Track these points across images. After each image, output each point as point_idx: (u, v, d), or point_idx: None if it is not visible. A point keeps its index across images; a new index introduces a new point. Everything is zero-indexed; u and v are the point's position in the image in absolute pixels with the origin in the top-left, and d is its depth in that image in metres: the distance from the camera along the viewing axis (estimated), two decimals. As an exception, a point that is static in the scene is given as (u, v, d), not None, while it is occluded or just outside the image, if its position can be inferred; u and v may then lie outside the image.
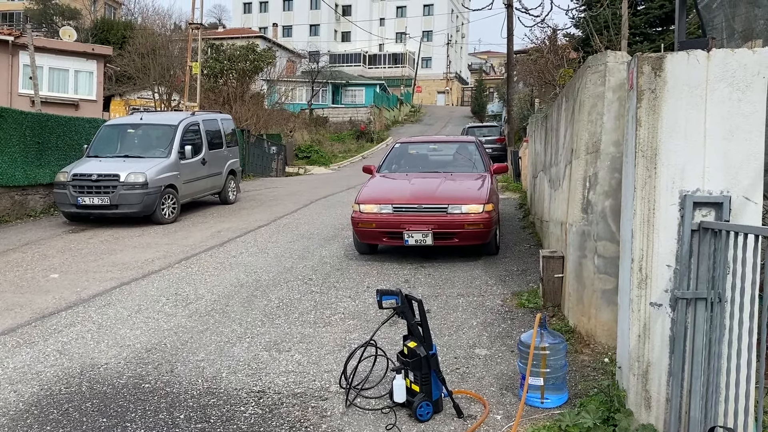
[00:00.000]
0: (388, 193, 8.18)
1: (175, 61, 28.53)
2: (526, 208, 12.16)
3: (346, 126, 41.59)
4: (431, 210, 7.66)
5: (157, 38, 29.34)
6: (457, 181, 8.48)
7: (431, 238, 7.55)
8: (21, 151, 12.24)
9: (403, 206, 7.75)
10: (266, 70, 34.77)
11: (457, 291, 6.67)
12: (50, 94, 23.67)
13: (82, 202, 10.93)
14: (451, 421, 3.81)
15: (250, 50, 32.35)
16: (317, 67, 46.43)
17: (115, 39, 30.87)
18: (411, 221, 7.61)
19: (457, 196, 7.83)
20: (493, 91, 54.51)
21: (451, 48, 68.25)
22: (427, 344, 3.85)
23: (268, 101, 35.47)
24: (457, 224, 7.56)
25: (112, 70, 28.51)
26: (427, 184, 8.32)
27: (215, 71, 30.99)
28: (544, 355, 3.91)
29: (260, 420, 3.90)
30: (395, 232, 7.68)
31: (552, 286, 5.78)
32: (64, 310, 6.29)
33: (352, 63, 62.16)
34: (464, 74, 76.28)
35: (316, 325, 5.67)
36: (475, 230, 7.58)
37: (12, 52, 23.82)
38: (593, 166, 4.89)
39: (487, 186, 8.20)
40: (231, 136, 14.58)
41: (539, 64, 15.57)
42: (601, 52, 5.06)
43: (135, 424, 3.86)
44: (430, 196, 7.85)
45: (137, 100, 28.37)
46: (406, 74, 62.30)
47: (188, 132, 12.52)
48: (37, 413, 4.05)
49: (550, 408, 3.93)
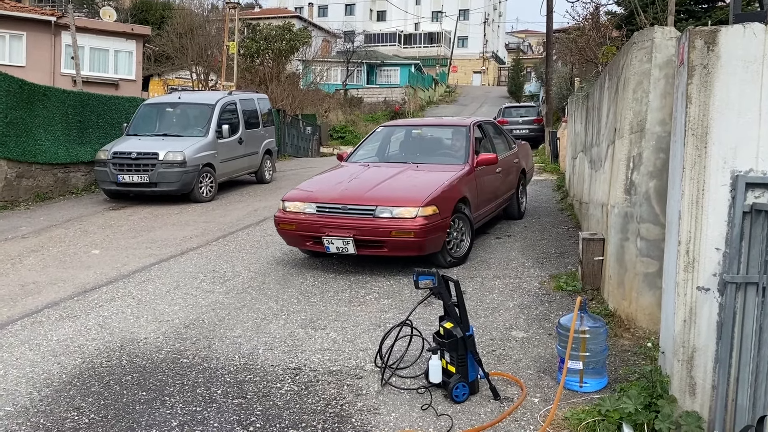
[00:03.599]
0: (318, 190, 6.95)
1: (213, 41, 28.71)
2: (564, 190, 11.96)
3: (380, 106, 41.40)
4: (355, 212, 6.38)
5: (194, 18, 29.54)
6: (417, 174, 7.13)
7: (353, 246, 6.28)
8: (63, 129, 12.50)
9: (327, 206, 6.53)
10: (302, 50, 34.73)
11: (493, 273, 6.59)
12: (91, 74, 24.06)
13: (122, 180, 11.12)
14: (488, 403, 3.77)
15: (286, 30, 32.33)
16: (352, 47, 46.22)
17: (153, 19, 31.15)
18: (332, 224, 6.39)
19: (391, 196, 6.50)
20: (530, 71, 53.58)
21: (488, 27, 67.21)
22: (463, 325, 3.81)
23: (303, 81, 35.49)
24: (382, 231, 6.21)
25: (150, 50, 28.83)
26: (371, 178, 7.02)
27: (251, 51, 31.08)
28: (584, 339, 3.83)
29: (296, 397, 3.92)
30: (317, 237, 6.49)
31: (591, 269, 5.66)
32: (105, 285, 6.42)
33: (387, 43, 61.69)
34: (501, 54, 75.12)
35: (351, 304, 5.67)
36: (405, 239, 6.17)
37: (54, 32, 24.25)
38: (637, 146, 4.74)
39: (444, 183, 6.71)
40: (267, 116, 14.63)
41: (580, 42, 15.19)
42: (647, 28, 4.88)
43: (173, 398, 3.92)
44: (358, 195, 6.54)
45: (175, 80, 28.69)
46: (442, 54, 61.60)
47: (225, 111, 12.60)
48: (80, 385, 4.14)
49: (588, 392, 3.85)
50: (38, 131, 11.80)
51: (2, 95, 10.86)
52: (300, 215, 6.64)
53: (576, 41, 17.18)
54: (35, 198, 11.70)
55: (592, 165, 7.20)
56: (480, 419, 3.59)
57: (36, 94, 11.81)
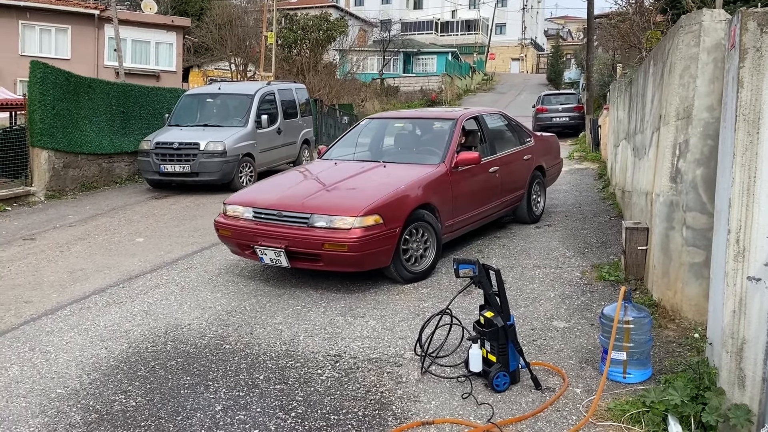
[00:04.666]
0: (261, 193, 6.37)
1: (251, 31, 28.97)
2: (605, 179, 11.74)
3: (417, 95, 41.19)
4: (290, 220, 5.68)
5: (233, 9, 29.83)
6: (379, 175, 6.39)
7: (285, 258, 5.59)
8: (107, 120, 12.79)
9: (263, 212, 5.88)
10: (338, 39, 34.78)
11: (533, 262, 6.52)
12: (133, 66, 24.55)
13: (165, 170, 11.33)
14: (529, 393, 3.74)
15: (323, 20, 32.40)
16: (389, 35, 46.05)
17: (193, 10, 31.55)
18: (265, 233, 5.72)
19: (331, 202, 5.76)
20: (570, 58, 52.62)
21: (527, 13, 66.14)
22: (504, 314, 3.78)
23: (340, 71, 35.55)
24: (314, 242, 5.45)
25: (190, 42, 29.25)
26: (325, 180, 6.40)
27: (289, 41, 31.26)
28: (628, 329, 3.77)
29: (337, 383, 3.95)
30: (252, 246, 5.84)
31: (635, 258, 5.55)
32: (149, 272, 6.56)
33: (423, 31, 61.25)
34: (540, 40, 73.91)
35: (390, 293, 5.68)
36: (339, 253, 5.39)
37: (98, 25, 24.79)
38: (684, 133, 4.62)
39: (398, 188, 5.88)
40: (305, 106, 14.71)
41: (623, 27, 14.84)
42: (695, 11, 4.73)
43: (217, 383, 4.00)
44: (296, 201, 5.85)
45: (214, 71, 29.05)
46: (479, 41, 60.92)
47: (264, 102, 12.71)
48: (126, 369, 4.25)
49: (632, 383, 3.80)
50: (84, 122, 12.10)
51: (49, 87, 11.15)
52: (238, 221, 5.99)
53: (618, 26, 16.80)
54: (81, 187, 12.02)
55: (636, 153, 7.04)
56: (521, 409, 3.57)
57: (81, 86, 12.10)
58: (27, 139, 11.16)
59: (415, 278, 5.94)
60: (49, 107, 11.14)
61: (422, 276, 5.99)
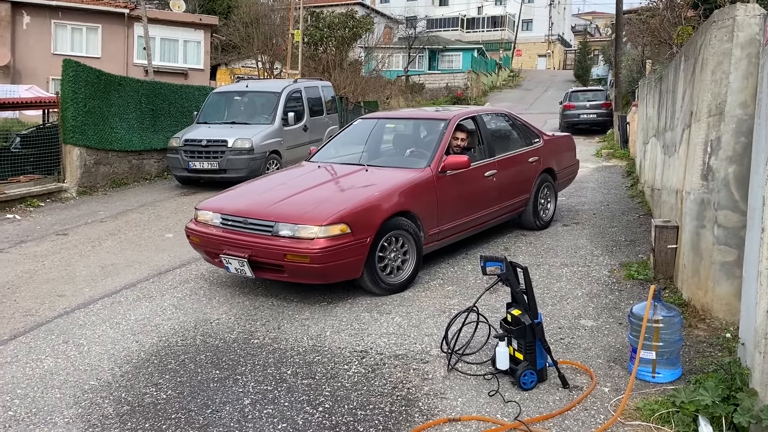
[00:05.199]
0: (231, 198, 6.09)
1: (277, 29, 29.14)
2: (634, 176, 11.60)
3: (442, 92, 41.04)
4: (254, 228, 5.36)
5: (260, 7, 30.03)
6: (358, 179, 6.07)
7: (249, 268, 5.29)
8: (137, 117, 12.99)
9: (230, 219, 5.58)
10: (364, 37, 34.82)
11: (561, 261, 6.48)
12: (162, 64, 24.87)
13: (193, 167, 11.48)
14: (556, 391, 3.73)
15: (349, 17, 32.48)
16: (414, 32, 45.95)
17: (220, 9, 31.85)
18: (230, 241, 5.42)
19: (298, 210, 5.38)
20: (597, 54, 51.96)
21: (554, 9, 65.48)
22: (532, 312, 3.77)
23: (365, 68, 35.59)
24: (277, 253, 5.11)
25: (217, 40, 29.54)
26: (298, 184, 6.08)
27: (315, 39, 31.40)
28: (657, 328, 3.73)
29: (363, 379, 3.98)
30: (219, 254, 5.54)
31: (664, 257, 5.48)
32: (179, 267, 6.66)
33: (449, 27, 60.97)
34: (567, 36, 73.11)
35: (415, 290, 5.69)
36: (302, 265, 5.05)
37: (127, 24, 25.16)
38: (716, 130, 4.55)
39: (372, 194, 5.55)
40: (331, 103, 14.76)
41: (652, 22, 14.62)
42: (728, 6, 4.65)
43: (245, 377, 4.05)
44: (262, 207, 5.55)
45: (241, 68, 29.30)
46: (506, 38, 60.47)
47: (291, 99, 12.79)
48: (157, 362, 4.33)
49: (661, 383, 3.75)
50: (114, 120, 12.30)
51: (81, 85, 11.36)
52: (207, 227, 5.71)
53: (647, 22, 16.56)
54: (111, 184, 12.23)
55: (666, 150, 6.95)
56: (548, 407, 3.55)
57: (112, 84, 12.31)
58: (60, 137, 11.39)
59: (393, 290, 5.53)
60: (80, 105, 11.35)
61: (400, 288, 5.59)
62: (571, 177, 8.84)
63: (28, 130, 14.64)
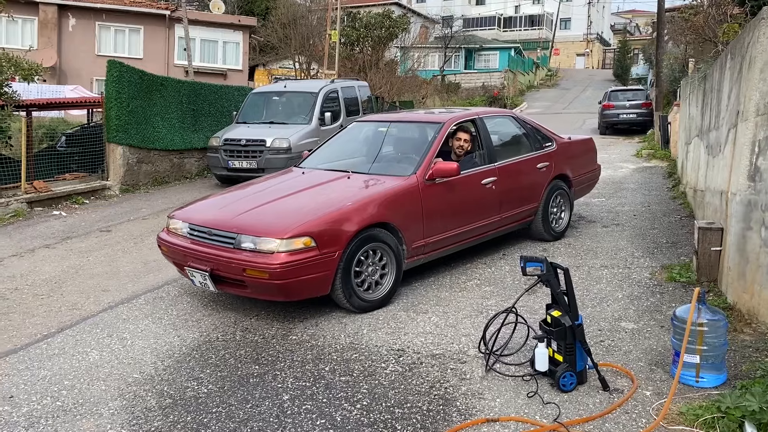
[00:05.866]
0: (202, 207, 5.77)
1: (314, 30, 29.34)
2: (675, 177, 11.36)
3: (478, 92, 40.76)
4: (217, 240, 5.03)
5: (297, 8, 30.28)
6: (336, 187, 5.68)
7: (211, 282, 4.99)
8: (178, 117, 13.24)
9: (196, 229, 5.26)
10: (400, 36, 34.81)
11: (601, 262, 6.39)
12: (201, 64, 25.29)
13: (233, 165, 11.66)
14: (596, 394, 3.68)
15: (386, 17, 32.50)
16: (450, 32, 45.77)
17: (258, 10, 32.22)
18: (194, 253, 5.10)
19: (262, 221, 5.05)
20: (638, 53, 51.02)
21: (593, 7, 64.50)
22: (572, 314, 3.73)
23: (401, 68, 35.59)
24: (237, 267, 4.77)
25: (256, 41, 29.90)
26: (273, 192, 5.73)
27: (351, 39, 31.51)
28: (702, 332, 3.65)
29: (400, 377, 3.99)
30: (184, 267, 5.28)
31: (708, 259, 5.37)
32: (218, 264, 6.76)
33: (486, 27, 60.55)
34: (606, 35, 71.95)
35: (452, 290, 5.68)
36: (261, 281, 4.71)
37: (168, 25, 25.66)
38: (764, 129, 4.43)
39: (344, 204, 5.13)
40: (367, 103, 14.81)
41: (696, 20, 14.29)
42: (778, 2, 4.53)
43: (284, 373, 4.10)
44: (228, 217, 5.19)
45: (279, 69, 29.59)
46: (543, 37, 59.80)
47: (328, 99, 12.88)
48: (198, 357, 4.41)
49: (705, 388, 3.68)
50: (156, 119, 12.56)
51: (125, 86, 11.63)
52: (177, 237, 5.41)
53: (690, 20, 16.19)
54: (153, 182, 12.49)
55: (710, 150, 6.80)
56: (588, 409, 3.51)
57: (154, 84, 12.57)
58: (103, 136, 11.68)
59: (369, 308, 5.14)
60: (124, 105, 11.62)
61: (379, 305, 5.21)
62: (591, 184, 8.19)
63: (73, 129, 15.09)
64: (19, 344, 4.76)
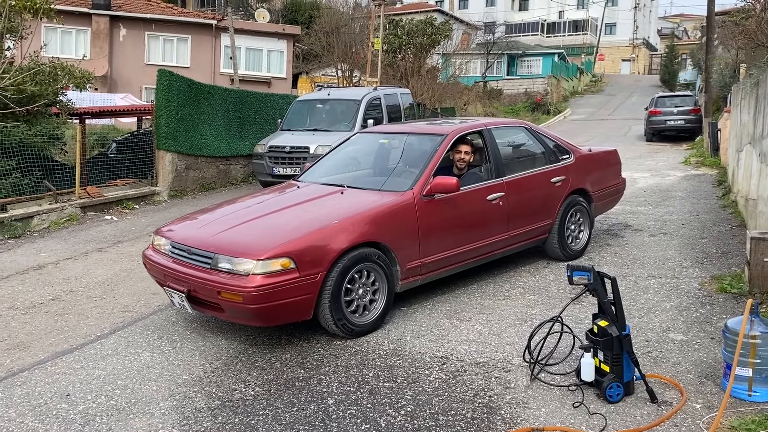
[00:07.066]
0: (187, 222, 5.50)
1: (356, 38, 29.59)
2: (726, 185, 11.07)
3: (521, 98, 40.43)
4: (195, 259, 4.76)
5: (340, 16, 30.60)
6: (326, 204, 5.37)
7: (188, 304, 4.72)
8: (225, 125, 13.54)
9: (177, 247, 4.99)
10: (442, 43, 34.82)
11: (648, 272, 6.27)
12: (246, 73, 25.74)
13: (277, 172, 11.83)
14: (644, 405, 3.63)
15: (428, 24, 32.54)
16: (493, 38, 45.56)
17: (302, 19, 32.69)
18: (173, 273, 4.84)
19: (240, 240, 4.76)
20: (685, 58, 49.87)
21: (639, 12, 63.35)
22: (620, 324, 3.69)
23: (443, 75, 35.59)
24: (212, 289, 4.49)
25: (299, 49, 30.32)
26: (260, 208, 5.43)
27: (393, 47, 31.65)
28: (754, 344, 3.57)
29: (444, 385, 4.00)
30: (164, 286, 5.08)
31: (761, 270, 5.22)
32: (263, 269, 6.88)
33: (529, 32, 60.08)
34: (653, 40, 70.53)
35: (496, 298, 5.66)
36: (236, 304, 4.41)
37: (215, 34, 26.23)
38: (821, 138, 4.31)
39: (333, 222, 4.82)
40: (409, 110, 14.85)
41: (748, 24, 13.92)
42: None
43: (329, 377, 4.16)
44: (206, 236, 4.91)
45: (322, 77, 29.93)
46: (588, 42, 58.97)
47: (370, 107, 12.97)
48: (245, 360, 4.50)
49: (758, 402, 3.59)
50: (203, 127, 12.87)
51: (174, 94, 11.96)
52: (160, 255, 5.17)
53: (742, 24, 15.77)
54: (200, 188, 12.79)
55: (763, 158, 6.62)
56: (636, 421, 3.46)
57: (201, 93, 12.88)
58: (153, 143, 12.02)
59: (359, 333, 4.81)
60: (173, 112, 11.94)
61: (369, 330, 4.89)
62: (615, 198, 7.63)
63: (123, 136, 15.55)
64: (74, 344, 4.94)
